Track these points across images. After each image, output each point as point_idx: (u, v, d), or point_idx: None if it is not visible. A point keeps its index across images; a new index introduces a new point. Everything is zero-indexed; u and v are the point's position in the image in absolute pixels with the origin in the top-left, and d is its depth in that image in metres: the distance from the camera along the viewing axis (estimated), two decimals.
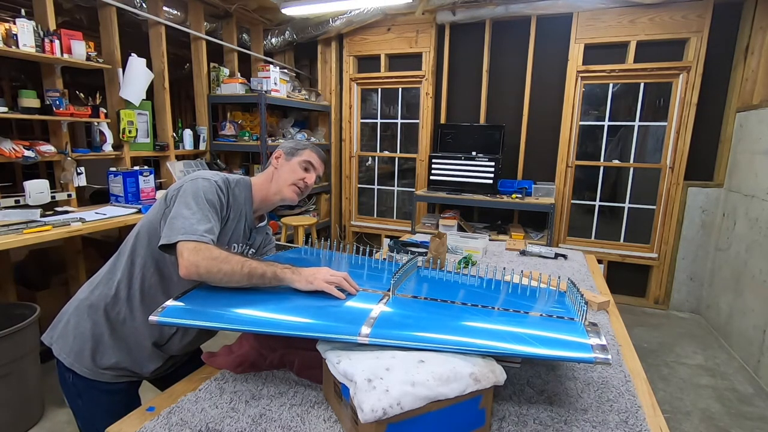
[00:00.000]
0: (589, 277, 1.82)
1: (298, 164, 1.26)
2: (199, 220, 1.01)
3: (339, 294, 1.01)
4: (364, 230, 4.76)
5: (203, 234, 0.99)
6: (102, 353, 1.10)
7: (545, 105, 3.85)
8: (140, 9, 3.08)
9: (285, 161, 1.27)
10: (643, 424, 0.87)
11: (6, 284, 2.48)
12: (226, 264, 0.97)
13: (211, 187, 1.08)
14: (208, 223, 1.02)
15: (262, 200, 1.26)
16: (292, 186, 1.25)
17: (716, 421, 2.27)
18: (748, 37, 3.24)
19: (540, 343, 0.85)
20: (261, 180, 1.27)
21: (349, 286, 1.04)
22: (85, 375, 1.10)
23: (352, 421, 0.78)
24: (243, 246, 1.24)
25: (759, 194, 2.87)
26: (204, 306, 0.97)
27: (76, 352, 1.10)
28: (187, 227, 0.98)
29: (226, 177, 1.17)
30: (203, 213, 1.03)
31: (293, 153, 1.27)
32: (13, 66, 5.10)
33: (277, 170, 1.27)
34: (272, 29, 4.30)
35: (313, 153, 1.29)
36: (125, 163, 3.02)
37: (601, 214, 3.95)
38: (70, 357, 1.10)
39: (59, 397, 2.26)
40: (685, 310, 3.73)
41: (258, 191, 1.25)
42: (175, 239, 0.97)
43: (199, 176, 1.10)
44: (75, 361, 1.10)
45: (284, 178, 1.25)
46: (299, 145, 1.29)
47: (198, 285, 1.05)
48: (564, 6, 3.54)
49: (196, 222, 1.00)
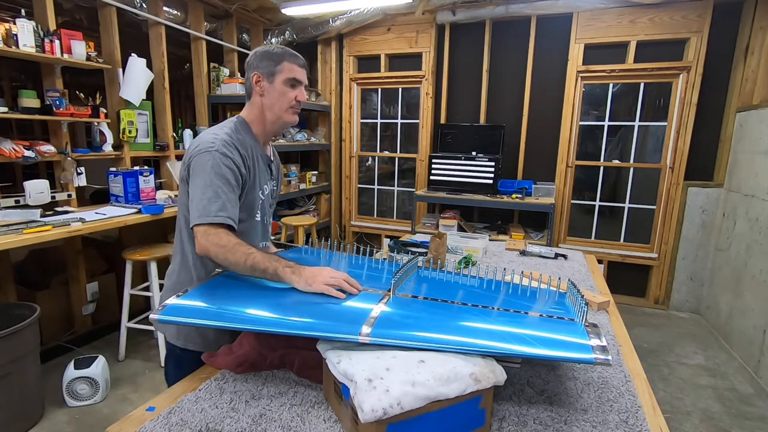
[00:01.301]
0: (589, 277, 1.82)
1: (283, 84, 1.18)
2: (210, 200, 1.05)
3: (339, 294, 1.01)
4: (364, 230, 4.76)
5: (216, 215, 1.04)
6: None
7: (545, 105, 3.85)
8: (140, 9, 3.08)
9: (268, 84, 1.19)
10: (643, 424, 0.87)
11: (6, 284, 2.48)
12: (231, 255, 1.02)
13: (216, 160, 1.08)
14: (218, 200, 1.05)
15: (263, 133, 1.25)
16: (289, 110, 1.21)
17: (716, 421, 2.27)
18: (748, 37, 3.24)
19: (540, 344, 0.85)
20: (254, 113, 1.23)
21: (350, 287, 1.03)
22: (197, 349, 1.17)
23: (352, 421, 0.78)
24: (271, 187, 1.29)
25: (759, 194, 2.87)
26: (205, 305, 0.97)
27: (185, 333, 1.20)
28: (200, 210, 1.05)
29: (227, 132, 1.15)
30: (213, 190, 1.06)
31: (272, 71, 1.18)
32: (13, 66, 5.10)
33: (264, 97, 1.20)
34: (272, 29, 4.30)
35: (293, 64, 1.19)
36: (125, 163, 3.02)
37: (601, 214, 3.95)
38: (180, 339, 1.21)
39: (59, 397, 2.27)
40: (685, 310, 3.73)
41: (256, 126, 1.23)
42: (192, 223, 1.06)
43: (203, 148, 1.10)
44: (187, 341, 1.20)
45: (277, 105, 1.20)
46: (274, 58, 1.18)
47: (198, 284, 1.05)
48: (564, 6, 3.54)
49: (207, 202, 1.05)
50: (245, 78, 1.23)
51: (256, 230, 1.26)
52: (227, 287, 1.07)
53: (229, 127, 1.18)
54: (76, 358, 2.32)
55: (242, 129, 1.20)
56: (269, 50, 1.19)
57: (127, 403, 2.31)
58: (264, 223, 1.30)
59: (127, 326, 2.69)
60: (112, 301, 3.09)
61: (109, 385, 2.38)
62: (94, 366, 2.28)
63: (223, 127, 1.18)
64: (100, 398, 2.30)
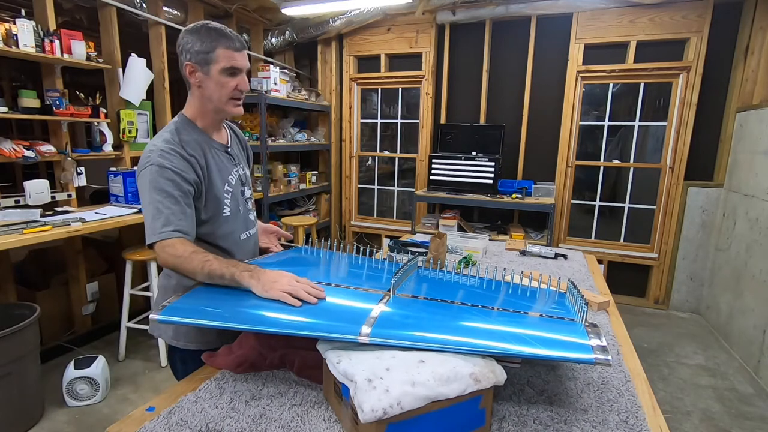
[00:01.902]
0: (589, 277, 1.82)
1: (220, 74, 1.09)
2: (153, 217, 1.04)
3: (294, 302, 0.95)
4: (364, 230, 4.76)
5: (161, 231, 1.03)
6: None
7: (545, 105, 3.85)
8: (140, 9, 3.08)
9: (204, 76, 1.09)
10: (643, 424, 0.87)
11: (6, 284, 2.48)
12: (188, 264, 1.01)
13: (153, 175, 1.05)
14: (161, 217, 1.04)
15: (211, 124, 1.19)
16: (230, 101, 1.13)
17: (716, 421, 2.27)
18: (748, 37, 3.24)
19: (540, 344, 0.85)
20: (195, 107, 1.16)
21: (308, 296, 0.96)
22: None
23: (352, 421, 0.78)
24: (239, 173, 1.25)
25: (759, 194, 2.87)
26: (204, 305, 0.97)
27: (185, 333, 1.20)
28: (148, 230, 1.05)
29: (165, 138, 1.10)
30: (154, 207, 1.04)
31: (206, 60, 1.08)
32: (13, 66, 5.10)
33: (202, 88, 1.11)
34: (272, 29, 4.30)
35: (228, 49, 1.08)
36: (125, 163, 3.02)
37: (601, 214, 3.95)
38: (181, 341, 1.21)
39: (59, 397, 2.27)
40: (685, 310, 3.73)
41: (201, 120, 1.17)
42: (148, 242, 1.05)
43: (141, 165, 1.08)
44: (188, 341, 1.21)
45: (217, 97, 1.11)
46: (205, 44, 1.07)
47: (198, 283, 1.06)
48: (564, 6, 3.54)
49: (152, 221, 1.04)
50: (179, 64, 1.12)
51: (234, 223, 1.22)
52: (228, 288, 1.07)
53: (169, 131, 1.12)
54: (76, 358, 2.32)
55: (184, 129, 1.14)
56: (199, 33, 1.07)
57: (127, 403, 2.31)
58: (241, 213, 1.26)
59: (127, 326, 2.69)
60: (112, 301, 3.09)
61: (109, 385, 2.38)
62: (94, 366, 2.28)
63: (162, 133, 1.12)
64: (100, 398, 2.30)
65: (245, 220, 1.28)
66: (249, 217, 1.31)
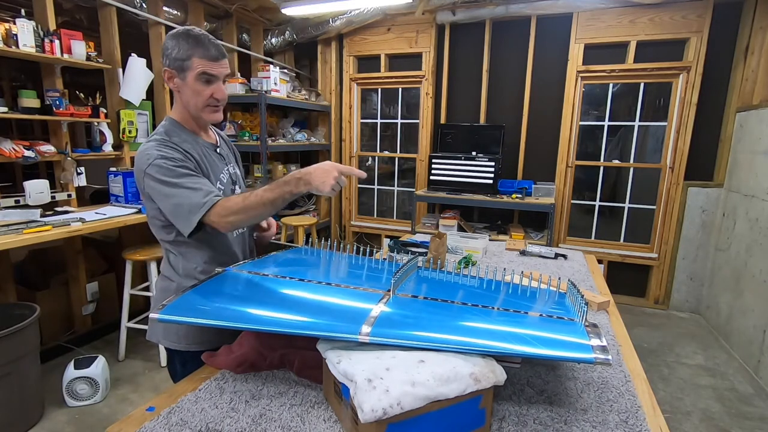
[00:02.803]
0: (589, 277, 1.82)
1: (195, 81, 1.09)
2: (187, 197, 1.04)
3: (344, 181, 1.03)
4: (364, 230, 4.76)
5: (203, 202, 1.03)
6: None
7: (545, 105, 3.85)
8: (140, 9, 3.08)
9: (181, 82, 1.10)
10: (643, 424, 0.87)
11: (6, 284, 2.48)
12: (250, 209, 1.02)
13: (161, 168, 1.06)
14: (195, 186, 1.04)
15: (197, 126, 1.21)
16: (207, 108, 1.14)
17: (716, 421, 2.27)
18: (748, 37, 3.24)
19: (540, 344, 0.85)
20: (179, 111, 1.18)
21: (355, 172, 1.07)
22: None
23: (352, 421, 0.78)
24: (229, 171, 1.26)
25: (759, 194, 2.87)
26: (204, 304, 0.97)
27: (184, 335, 1.21)
28: (191, 213, 1.03)
29: (159, 138, 1.12)
30: (183, 184, 1.04)
31: (182, 67, 1.08)
32: (13, 66, 5.10)
33: (181, 93, 1.13)
34: (272, 29, 4.30)
35: (203, 59, 1.08)
36: (125, 163, 3.02)
37: (601, 214, 3.95)
38: (181, 343, 1.22)
39: (59, 397, 2.27)
40: (685, 310, 3.73)
41: (188, 122, 1.19)
42: (195, 221, 1.03)
43: (147, 160, 1.07)
44: (188, 342, 1.21)
45: (193, 104, 1.12)
46: (182, 51, 1.07)
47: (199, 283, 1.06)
48: (564, 6, 3.54)
49: (190, 194, 1.04)
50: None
51: None
52: (227, 286, 1.07)
53: (159, 134, 1.14)
54: (76, 358, 2.32)
55: (173, 131, 1.16)
56: (179, 39, 1.08)
57: (127, 403, 2.31)
58: None
59: (127, 326, 2.69)
60: (112, 301, 3.09)
61: (109, 385, 2.38)
62: (94, 366, 2.28)
63: (153, 136, 1.14)
64: (100, 398, 2.30)
65: None
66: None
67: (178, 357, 1.23)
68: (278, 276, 1.14)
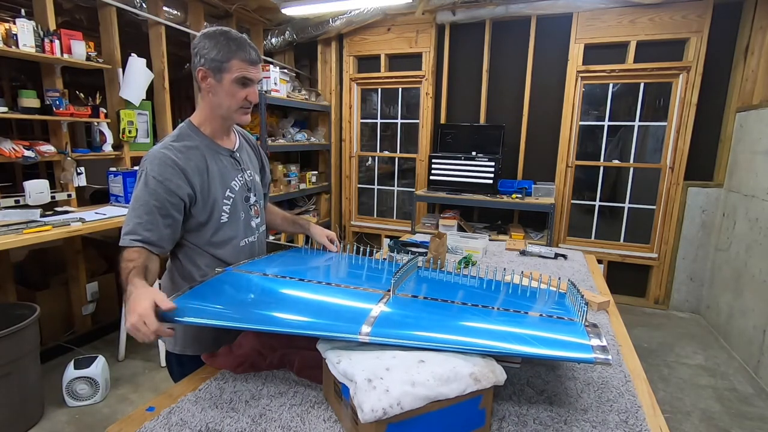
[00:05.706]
0: (589, 277, 1.82)
1: (232, 84, 1.09)
2: (125, 223, 1.07)
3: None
4: (364, 230, 4.76)
5: (122, 238, 1.05)
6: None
7: (545, 105, 3.85)
8: (140, 9, 3.08)
9: (215, 82, 1.09)
10: (643, 424, 0.87)
11: (6, 284, 2.48)
12: (121, 273, 1.01)
13: (143, 182, 1.07)
14: (129, 225, 1.06)
15: (219, 129, 1.19)
16: (239, 110, 1.14)
17: (716, 421, 2.27)
18: (748, 37, 3.24)
19: (540, 344, 0.85)
20: (204, 113, 1.17)
21: (137, 334, 0.86)
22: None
23: (352, 421, 0.78)
24: (246, 178, 1.25)
25: (759, 194, 2.87)
26: (204, 304, 0.97)
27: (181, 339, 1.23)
28: (125, 229, 1.07)
29: (169, 142, 1.11)
30: (129, 214, 1.07)
31: (220, 68, 1.08)
32: (13, 66, 5.10)
33: (212, 95, 1.12)
34: (272, 29, 4.30)
35: (243, 62, 1.08)
36: (125, 163, 3.02)
37: (601, 214, 3.95)
38: (177, 346, 1.24)
39: (59, 397, 2.27)
40: (685, 310, 3.73)
41: (208, 126, 1.17)
42: (121, 243, 1.07)
43: (141, 168, 1.08)
44: (185, 346, 1.23)
45: (227, 105, 1.12)
46: (221, 53, 1.07)
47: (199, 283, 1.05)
48: (564, 6, 3.54)
49: (133, 219, 1.06)
50: (192, 65, 1.12)
51: (232, 229, 1.21)
52: (227, 286, 1.07)
53: (171, 137, 1.13)
54: (76, 358, 2.32)
55: (188, 135, 1.15)
56: (217, 40, 1.07)
57: (127, 403, 2.31)
58: (242, 219, 1.24)
59: None
60: (112, 301, 3.09)
61: (109, 385, 2.38)
62: (94, 366, 2.28)
63: (165, 138, 1.13)
64: (100, 398, 2.30)
65: (246, 226, 1.26)
66: (251, 223, 1.28)
67: (174, 359, 1.23)
68: (278, 276, 1.14)
